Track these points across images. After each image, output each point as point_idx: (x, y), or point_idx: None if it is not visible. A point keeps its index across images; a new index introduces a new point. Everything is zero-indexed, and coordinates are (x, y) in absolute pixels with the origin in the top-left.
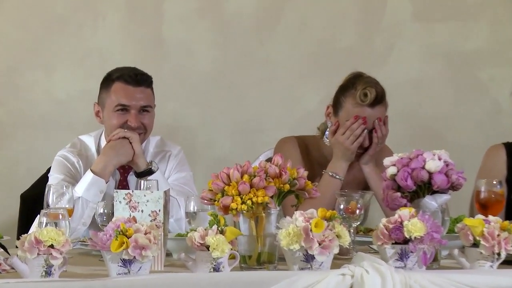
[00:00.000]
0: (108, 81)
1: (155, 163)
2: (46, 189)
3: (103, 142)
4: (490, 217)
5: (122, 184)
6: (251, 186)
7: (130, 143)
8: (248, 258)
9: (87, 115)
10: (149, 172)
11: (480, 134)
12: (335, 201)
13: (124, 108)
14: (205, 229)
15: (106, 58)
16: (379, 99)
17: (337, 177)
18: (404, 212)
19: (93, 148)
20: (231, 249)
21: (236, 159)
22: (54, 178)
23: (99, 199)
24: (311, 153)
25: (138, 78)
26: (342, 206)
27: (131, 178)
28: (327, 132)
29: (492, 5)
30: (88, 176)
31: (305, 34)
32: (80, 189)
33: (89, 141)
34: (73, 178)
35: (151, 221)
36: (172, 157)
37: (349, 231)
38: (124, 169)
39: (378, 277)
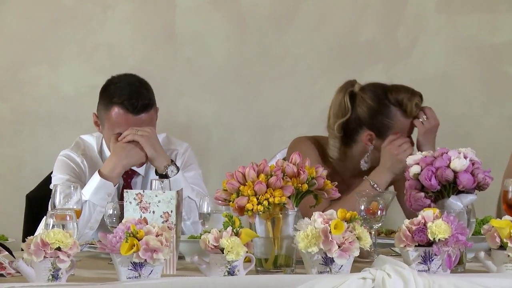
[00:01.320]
0: (107, 99)
1: (174, 166)
2: (53, 189)
3: (105, 144)
4: None
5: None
6: (268, 186)
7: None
8: (264, 261)
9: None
10: (166, 176)
11: (509, 131)
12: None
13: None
14: (220, 231)
15: (115, 53)
16: None
17: (377, 188)
18: (428, 213)
19: (96, 149)
20: (247, 251)
21: (252, 157)
22: (57, 179)
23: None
24: (327, 155)
25: (138, 108)
26: (362, 207)
27: (135, 182)
28: (367, 157)
29: None
30: (96, 179)
31: (325, 27)
32: (87, 192)
33: (91, 141)
34: (78, 179)
35: (163, 222)
36: (179, 155)
37: (370, 233)
38: (127, 174)
39: (401, 281)
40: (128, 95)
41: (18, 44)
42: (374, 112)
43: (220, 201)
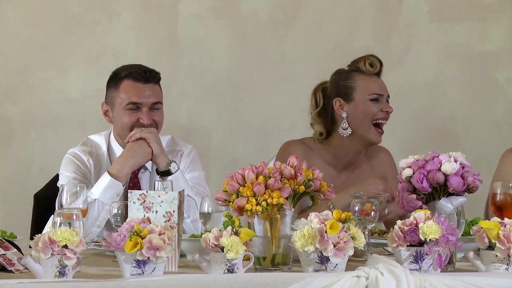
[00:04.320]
0: (116, 79)
1: (175, 163)
2: (60, 189)
3: (113, 141)
4: (506, 220)
5: (133, 181)
6: (266, 187)
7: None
8: (262, 260)
9: (101, 114)
10: (168, 172)
11: (497, 136)
12: None
13: (135, 106)
14: (220, 230)
15: (120, 57)
16: (382, 68)
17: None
18: (420, 214)
19: (104, 147)
20: (246, 250)
21: (250, 160)
22: (64, 177)
23: None
24: (314, 156)
25: (147, 76)
26: (357, 208)
27: (143, 176)
28: (344, 124)
29: (511, 5)
30: (106, 178)
31: (321, 34)
32: (96, 191)
33: (99, 140)
34: (84, 177)
35: (165, 222)
36: (185, 156)
37: (364, 233)
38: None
39: (393, 279)
40: (136, 67)
41: (27, 49)
42: (337, 81)
43: (220, 202)
